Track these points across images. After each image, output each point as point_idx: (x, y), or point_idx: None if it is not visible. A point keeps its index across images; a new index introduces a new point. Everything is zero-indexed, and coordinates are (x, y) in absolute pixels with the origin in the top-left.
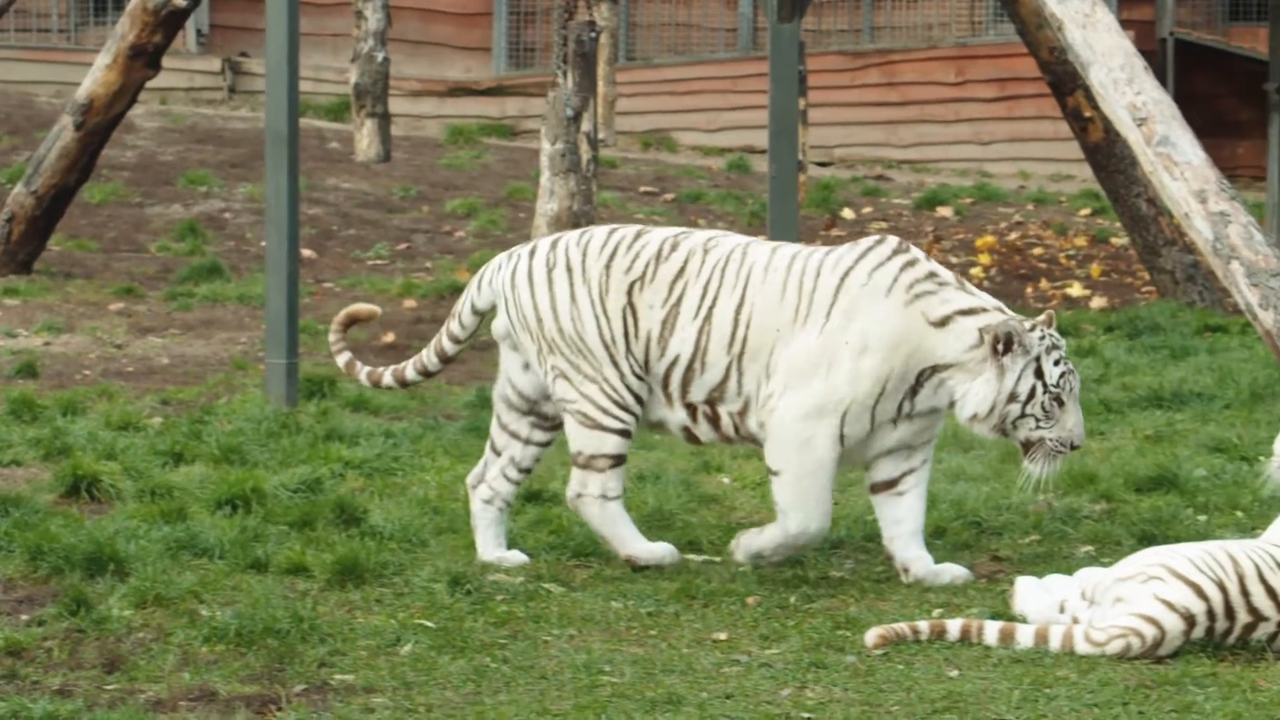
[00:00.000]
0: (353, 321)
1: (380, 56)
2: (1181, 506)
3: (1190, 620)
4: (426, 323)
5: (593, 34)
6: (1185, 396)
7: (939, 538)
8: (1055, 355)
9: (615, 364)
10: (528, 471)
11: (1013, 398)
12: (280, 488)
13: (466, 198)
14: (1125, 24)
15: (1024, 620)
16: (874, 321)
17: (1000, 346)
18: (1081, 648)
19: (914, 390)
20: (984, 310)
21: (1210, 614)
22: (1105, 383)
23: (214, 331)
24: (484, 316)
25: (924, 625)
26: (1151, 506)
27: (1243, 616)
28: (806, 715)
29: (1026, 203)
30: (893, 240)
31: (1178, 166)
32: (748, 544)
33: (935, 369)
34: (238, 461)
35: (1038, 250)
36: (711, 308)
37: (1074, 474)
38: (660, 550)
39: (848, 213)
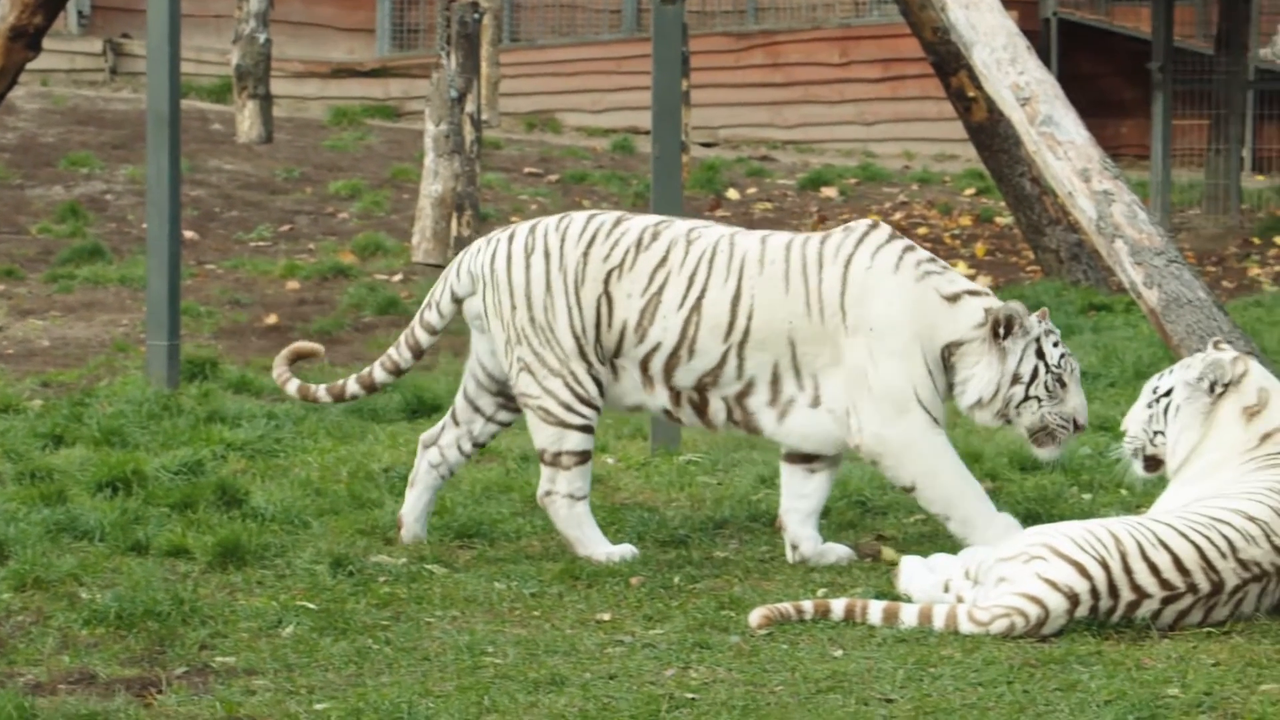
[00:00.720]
0: (298, 357)
1: (262, 38)
2: (1066, 485)
3: (1074, 599)
4: (309, 304)
5: (476, 15)
6: None
7: (824, 517)
8: (1053, 338)
9: (584, 356)
10: (480, 447)
11: (1016, 379)
12: (161, 470)
13: (350, 179)
14: (1008, 4)
15: (909, 600)
16: (889, 299)
17: (1001, 330)
18: (965, 627)
19: (945, 369)
20: (985, 294)
21: (1094, 592)
22: None
23: (95, 313)
24: (462, 304)
25: (808, 605)
26: (1036, 485)
27: (1126, 595)
28: (690, 696)
29: (911, 183)
30: (886, 226)
31: (1061, 146)
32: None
33: (951, 346)
34: (119, 444)
35: (923, 230)
36: (700, 298)
37: (960, 452)
38: (622, 552)
39: (733, 193)
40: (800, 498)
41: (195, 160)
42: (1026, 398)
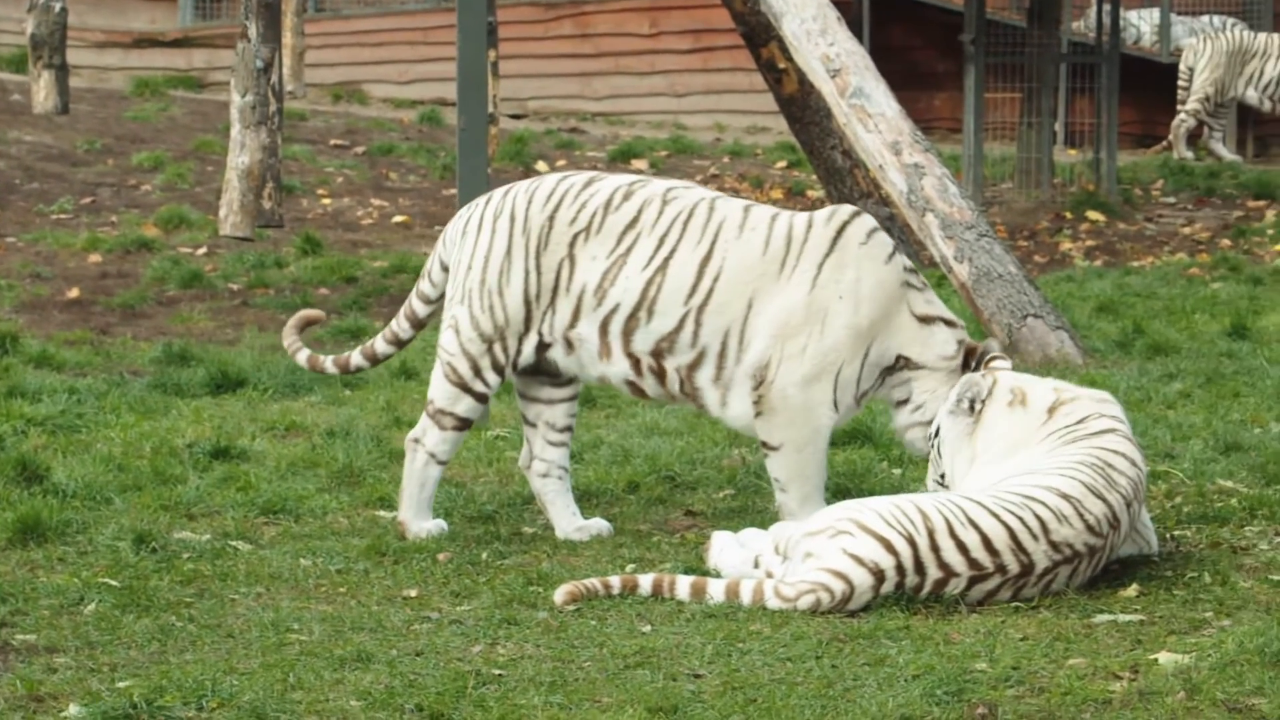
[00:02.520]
0: (307, 324)
1: (58, 6)
2: (876, 460)
3: (879, 575)
4: (112, 277)
5: None
6: None
7: (633, 493)
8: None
9: (527, 322)
10: (568, 429)
11: None
12: None
13: (153, 151)
14: None
15: (718, 575)
16: (867, 277)
17: (975, 363)
18: (772, 603)
19: (887, 374)
20: (961, 326)
21: (900, 569)
22: None
23: None
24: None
25: (616, 581)
26: (846, 460)
27: (933, 572)
28: (498, 672)
29: (722, 155)
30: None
31: (871, 118)
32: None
33: (910, 363)
34: None
35: None
36: (668, 258)
37: None
38: (429, 528)
39: (542, 165)
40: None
41: None
42: None
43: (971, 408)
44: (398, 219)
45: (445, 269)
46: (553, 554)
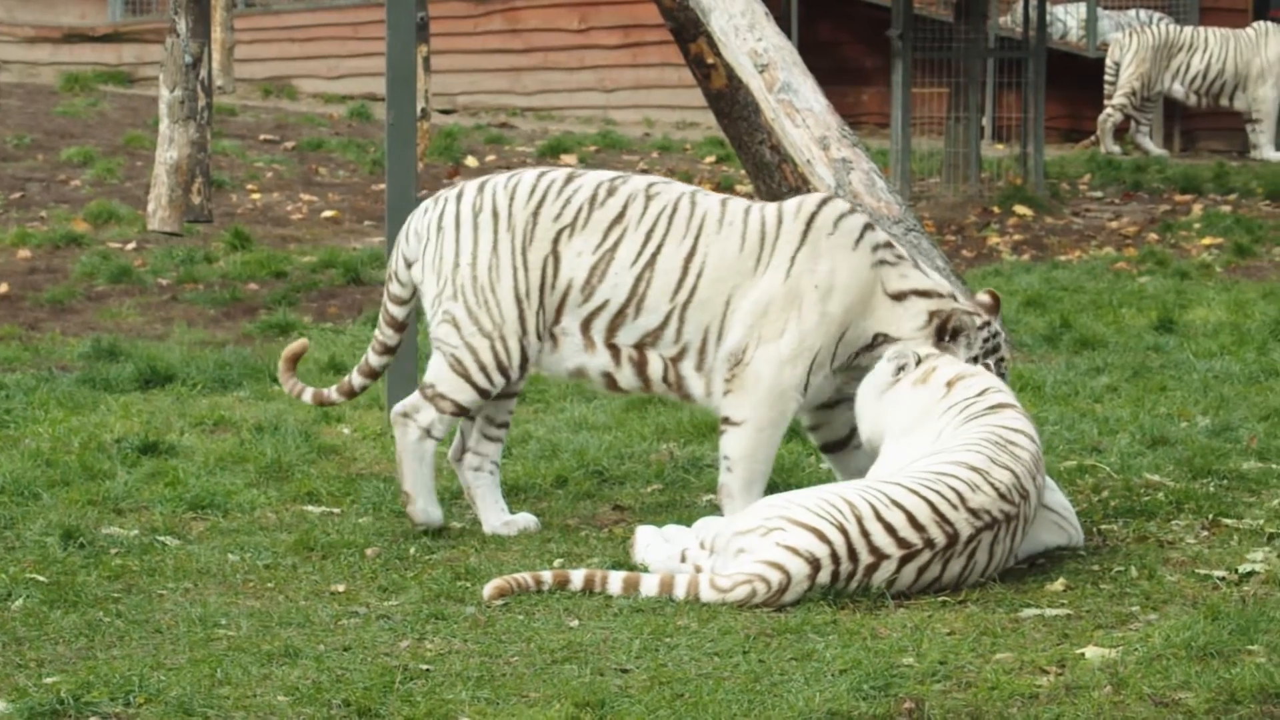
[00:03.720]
0: (296, 359)
1: None
2: (803, 454)
3: (814, 564)
4: (41, 273)
5: None
6: None
7: (561, 487)
8: (995, 357)
9: (522, 322)
10: (505, 425)
11: None
12: None
13: (83, 146)
14: None
15: (646, 570)
16: (840, 266)
17: (948, 334)
18: (707, 595)
19: (866, 351)
20: (938, 294)
21: (834, 557)
22: None
23: None
24: (412, 269)
25: (548, 575)
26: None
27: (865, 557)
28: (425, 667)
29: (651, 150)
30: (832, 195)
31: (799, 113)
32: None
33: (888, 339)
34: None
35: None
36: (655, 254)
37: (696, 422)
38: (434, 517)
39: (471, 161)
40: (860, 473)
41: None
42: None
43: (899, 371)
44: (327, 214)
45: (409, 265)
46: (480, 549)
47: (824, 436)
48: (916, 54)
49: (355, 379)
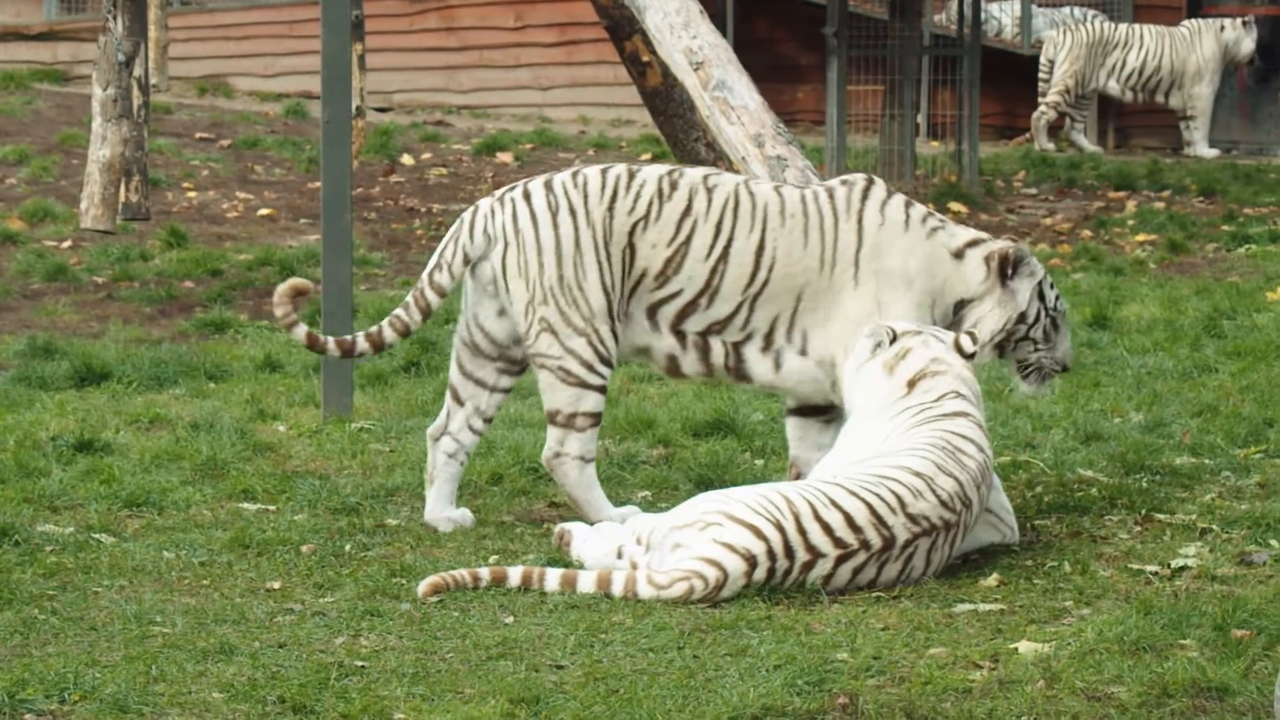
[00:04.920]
0: (297, 294)
1: None
2: (739, 451)
3: (751, 561)
4: None
5: None
6: None
7: (496, 484)
8: (1049, 280)
9: (610, 314)
10: (490, 421)
11: (1021, 319)
12: None
13: (17, 144)
14: None
15: (580, 566)
16: (908, 254)
17: (1010, 269)
18: (644, 591)
19: (951, 327)
20: (983, 240)
21: (770, 554)
22: None
23: None
24: (475, 267)
25: (485, 572)
26: (709, 451)
27: (801, 555)
28: (360, 664)
29: (587, 148)
30: (867, 177)
31: (734, 111)
32: None
33: (964, 303)
34: None
35: None
36: (727, 247)
37: (632, 419)
38: (624, 512)
39: (407, 159)
40: (819, 448)
41: None
42: (1025, 337)
43: (876, 348)
44: (263, 212)
45: (469, 262)
46: (416, 546)
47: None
48: (852, 51)
49: (360, 342)
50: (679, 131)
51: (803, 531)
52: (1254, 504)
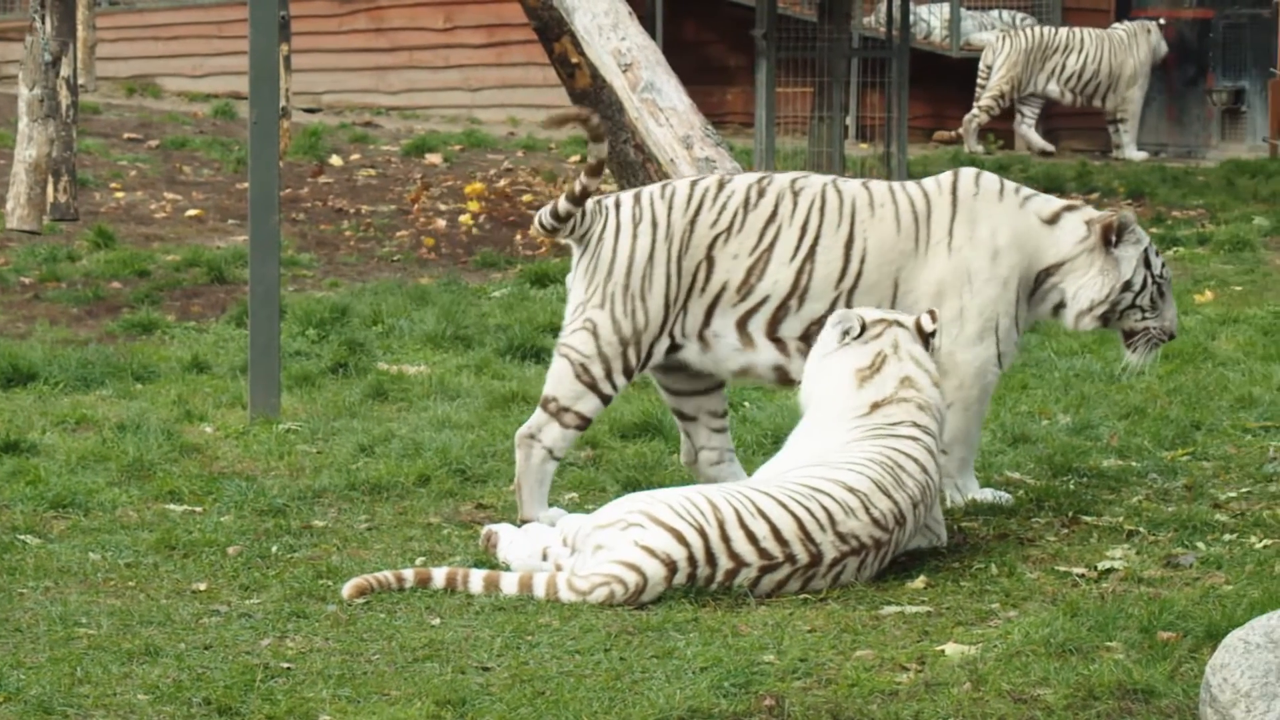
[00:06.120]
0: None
1: None
2: (666, 452)
3: (671, 566)
4: None
5: None
6: None
7: (424, 486)
8: (1154, 247)
9: (664, 327)
10: (725, 414)
11: (1127, 287)
12: None
13: None
14: None
15: (507, 568)
16: (999, 223)
17: (1115, 237)
18: (565, 595)
19: (1030, 295)
20: (1082, 206)
21: (691, 560)
22: None
23: None
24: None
25: (409, 574)
26: (637, 453)
27: (724, 562)
28: (286, 665)
29: (516, 149)
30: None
31: (663, 112)
32: (954, 498)
33: (1049, 271)
34: None
35: (527, 197)
36: (814, 246)
37: None
38: (551, 514)
39: (336, 159)
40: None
41: None
42: (1132, 305)
43: (843, 336)
44: (191, 212)
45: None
46: (343, 547)
47: None
48: (780, 53)
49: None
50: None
51: (726, 539)
52: (1180, 506)
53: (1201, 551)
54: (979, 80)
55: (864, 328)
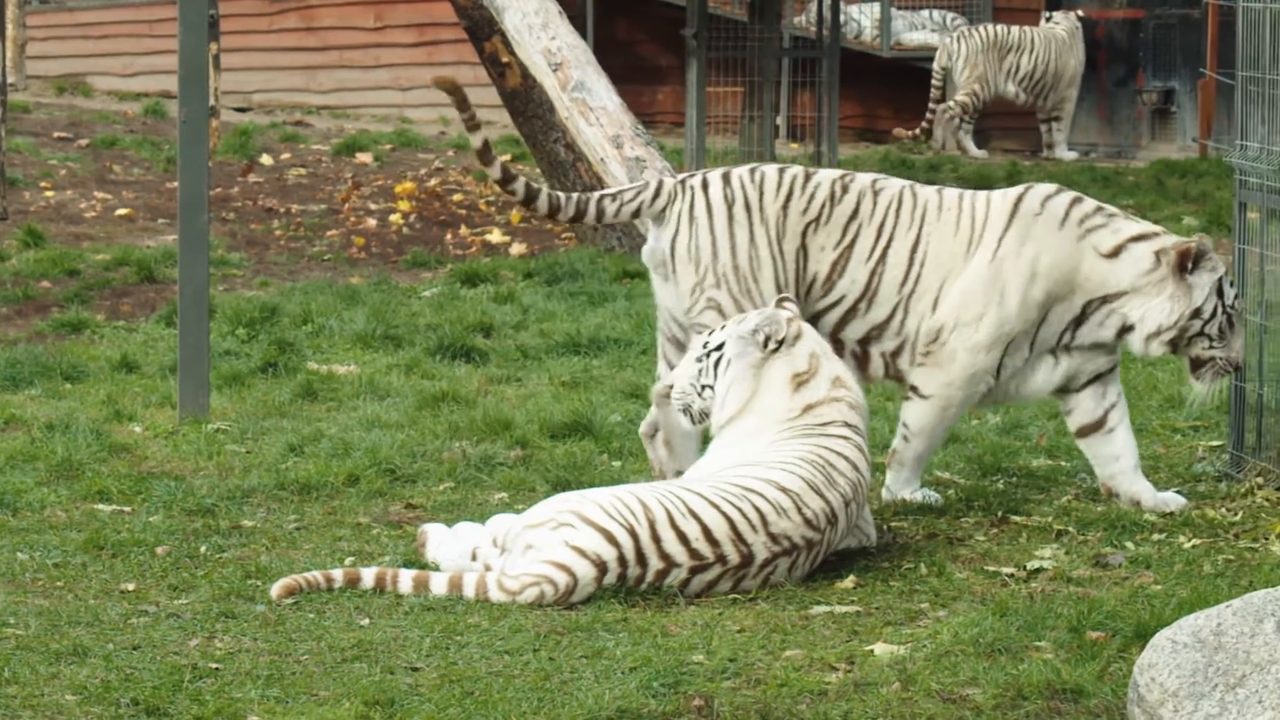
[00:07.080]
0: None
1: None
2: (596, 452)
3: (602, 566)
4: None
5: None
6: (602, 343)
7: (353, 485)
8: (1229, 277)
9: None
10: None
11: (1196, 314)
12: None
13: None
14: None
15: (436, 568)
16: (1045, 249)
17: (1190, 264)
18: (495, 595)
19: (1078, 322)
20: (1156, 235)
21: (622, 560)
22: (523, 329)
23: None
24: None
25: (338, 574)
26: (567, 453)
27: (655, 563)
28: (215, 665)
29: (447, 149)
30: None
31: (593, 112)
32: (893, 487)
33: (1105, 299)
34: None
35: (458, 196)
36: (886, 249)
37: (489, 420)
38: None
39: (266, 159)
40: (1114, 460)
41: None
42: (1200, 333)
43: (765, 344)
44: (121, 212)
45: (635, 216)
46: (272, 547)
47: (1077, 420)
48: (711, 53)
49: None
50: (538, 132)
51: (657, 539)
52: (1109, 506)
53: (1130, 551)
54: (934, 83)
55: (797, 336)
